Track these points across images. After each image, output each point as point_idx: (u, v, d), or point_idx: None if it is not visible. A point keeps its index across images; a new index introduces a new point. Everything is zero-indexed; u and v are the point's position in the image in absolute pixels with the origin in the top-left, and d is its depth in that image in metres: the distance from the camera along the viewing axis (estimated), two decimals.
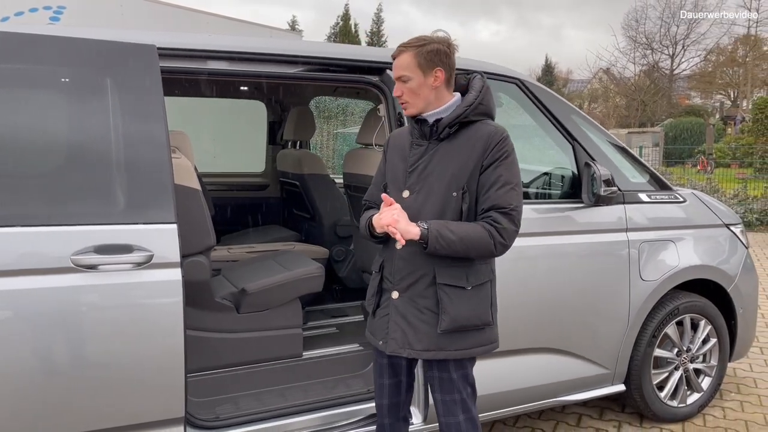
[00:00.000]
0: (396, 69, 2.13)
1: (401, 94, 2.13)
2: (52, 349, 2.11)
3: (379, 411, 2.37)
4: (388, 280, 2.20)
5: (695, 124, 27.29)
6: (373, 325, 2.27)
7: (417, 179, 2.14)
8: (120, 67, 2.28)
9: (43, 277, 2.10)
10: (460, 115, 2.11)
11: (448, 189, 2.08)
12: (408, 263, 2.12)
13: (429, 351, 2.12)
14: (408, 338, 2.13)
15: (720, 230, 3.62)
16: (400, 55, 2.12)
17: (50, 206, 2.13)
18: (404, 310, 2.14)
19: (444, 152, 2.12)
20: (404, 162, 2.19)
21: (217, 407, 2.73)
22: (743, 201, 10.90)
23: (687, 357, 3.52)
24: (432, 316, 2.10)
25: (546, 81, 42.73)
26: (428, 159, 2.13)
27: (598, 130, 3.39)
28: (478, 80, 2.20)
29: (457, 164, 2.09)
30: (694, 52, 42.24)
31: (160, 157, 2.27)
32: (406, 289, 2.14)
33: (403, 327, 2.14)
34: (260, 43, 2.67)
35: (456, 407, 2.19)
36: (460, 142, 2.11)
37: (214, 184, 4.71)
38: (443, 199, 2.09)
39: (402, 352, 2.15)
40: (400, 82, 2.13)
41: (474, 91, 2.15)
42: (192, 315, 2.89)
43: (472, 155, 2.08)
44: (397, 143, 2.29)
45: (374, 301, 2.26)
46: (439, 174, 2.10)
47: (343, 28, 33.88)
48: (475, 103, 2.12)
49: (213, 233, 2.85)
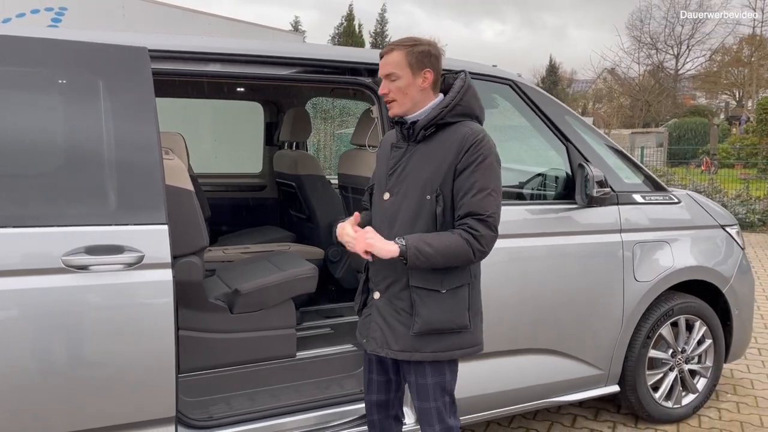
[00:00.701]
0: (385, 66, 2.12)
1: (388, 92, 2.12)
2: (43, 349, 2.13)
3: (368, 407, 2.38)
4: (371, 280, 2.22)
5: (699, 124, 27.18)
6: (359, 324, 2.31)
7: (396, 182, 2.14)
8: (111, 70, 2.29)
9: (35, 278, 2.12)
10: (436, 116, 2.08)
11: (422, 192, 2.07)
12: (385, 265, 2.13)
13: (405, 352, 2.12)
14: (386, 338, 2.14)
15: (715, 231, 3.62)
16: (389, 53, 2.11)
17: (41, 207, 2.15)
18: (384, 311, 2.16)
19: (420, 155, 2.11)
20: (386, 164, 2.21)
21: (211, 407, 2.75)
22: (745, 201, 10.86)
23: (682, 358, 3.52)
24: (408, 317, 2.11)
25: (550, 81, 42.69)
26: (406, 161, 2.13)
27: (592, 131, 3.39)
28: (459, 80, 2.16)
29: (431, 167, 2.07)
30: (699, 52, 42.32)
31: (151, 159, 2.28)
32: (385, 290, 2.16)
33: (382, 327, 2.16)
34: (252, 45, 2.68)
35: (431, 416, 2.18)
36: (435, 144, 2.10)
37: (211, 184, 4.73)
38: (418, 203, 2.08)
39: (380, 352, 2.16)
40: (388, 80, 2.11)
41: (452, 91, 2.12)
42: (185, 315, 2.91)
43: (447, 158, 2.06)
44: (384, 145, 2.31)
45: (360, 300, 2.30)
46: (414, 177, 2.10)
47: (347, 29, 33.90)
48: (452, 104, 2.09)
49: (206, 234, 2.87)
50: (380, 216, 2.18)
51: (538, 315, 3.01)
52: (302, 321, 3.66)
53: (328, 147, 11.77)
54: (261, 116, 5.10)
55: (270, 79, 2.78)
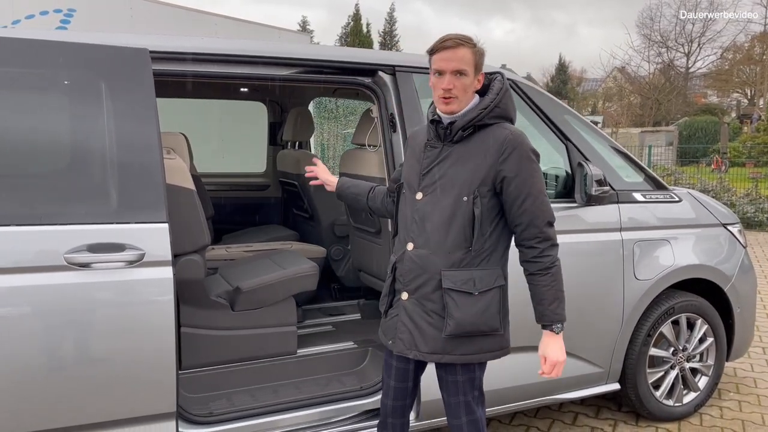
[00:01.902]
0: (452, 61, 2.04)
1: (452, 87, 2.04)
2: (45, 345, 2.18)
3: (384, 409, 2.38)
4: (399, 281, 2.20)
5: (710, 122, 27.00)
6: (384, 325, 2.29)
7: (430, 182, 2.13)
8: (113, 71, 2.33)
9: (38, 275, 2.17)
10: (475, 118, 2.08)
11: (459, 193, 2.08)
12: (416, 265, 2.13)
13: (434, 354, 2.13)
14: (415, 340, 2.14)
15: (717, 230, 3.61)
16: (458, 48, 2.04)
17: (44, 206, 2.20)
18: (412, 312, 2.15)
19: (457, 156, 2.11)
20: (419, 163, 2.19)
21: (211, 403, 2.78)
22: (755, 200, 10.79)
23: (683, 356, 3.52)
24: (438, 319, 2.11)
25: (560, 80, 42.54)
26: (442, 162, 2.12)
27: (592, 130, 3.40)
28: (498, 82, 2.15)
29: (470, 169, 2.07)
30: (710, 50, 41.86)
31: (152, 159, 2.32)
32: (414, 291, 2.15)
33: (410, 328, 2.15)
34: (252, 46, 2.71)
35: (459, 409, 2.21)
36: (473, 145, 2.09)
37: (215, 184, 4.77)
38: (454, 203, 2.08)
39: (408, 353, 2.16)
40: (454, 75, 2.04)
41: (492, 93, 2.12)
42: (187, 312, 2.95)
43: (486, 160, 2.06)
44: (414, 143, 2.28)
45: (386, 302, 2.26)
46: (451, 178, 2.10)
47: (354, 29, 33.92)
48: (491, 106, 2.09)
49: (208, 233, 2.91)
50: (410, 215, 2.17)
51: None
52: (304, 319, 3.70)
53: (333, 146, 11.81)
54: (265, 116, 5.14)
55: (270, 79, 2.81)
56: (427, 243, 2.11)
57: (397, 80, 2.86)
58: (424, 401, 2.78)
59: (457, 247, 2.09)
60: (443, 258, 2.09)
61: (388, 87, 2.85)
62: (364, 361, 3.20)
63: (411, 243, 2.15)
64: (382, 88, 2.87)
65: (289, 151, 4.61)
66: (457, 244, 2.09)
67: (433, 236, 2.10)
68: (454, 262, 2.09)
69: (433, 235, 2.10)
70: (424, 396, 2.74)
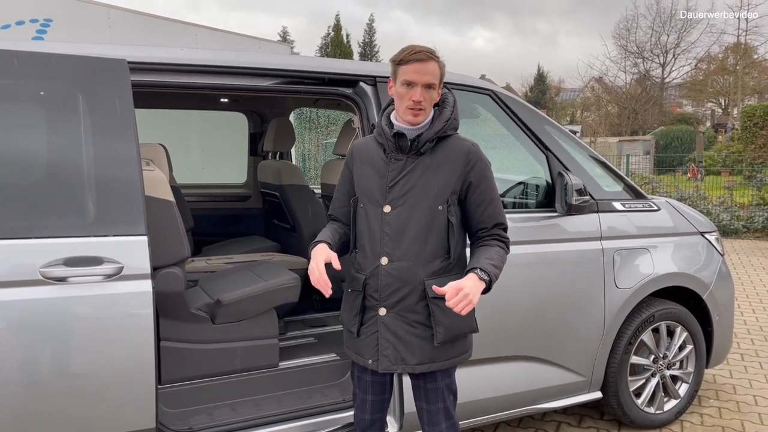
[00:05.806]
0: (426, 75, 2.08)
1: (422, 99, 2.09)
2: (21, 361, 2.12)
3: (361, 424, 2.38)
4: (372, 297, 2.17)
5: (686, 132, 27.46)
6: (357, 345, 2.24)
7: (399, 194, 2.14)
8: (90, 82, 2.30)
9: (12, 290, 2.12)
10: (440, 130, 2.15)
11: (434, 203, 2.12)
12: (396, 279, 2.13)
13: (423, 364, 2.16)
14: (401, 354, 2.14)
15: (695, 238, 3.66)
16: (428, 62, 2.09)
17: (19, 219, 2.15)
18: (394, 327, 2.14)
19: (425, 167, 2.14)
20: (380, 176, 2.17)
21: (192, 418, 2.74)
22: (729, 208, 10.97)
23: (663, 364, 3.55)
24: (423, 329, 2.14)
25: (539, 90, 43.02)
26: (409, 173, 2.14)
27: (572, 140, 3.43)
28: (450, 95, 2.25)
29: (441, 179, 2.13)
30: (684, 60, 42.71)
31: (130, 170, 2.29)
32: (394, 305, 2.14)
33: (394, 343, 2.15)
34: (231, 57, 2.70)
35: (439, 416, 2.25)
36: (439, 156, 2.15)
37: (196, 195, 4.73)
38: (430, 213, 2.12)
39: (396, 369, 2.16)
40: (425, 88, 2.09)
41: (449, 106, 2.21)
42: (167, 326, 2.90)
43: (455, 169, 2.14)
44: (364, 155, 2.26)
45: (358, 320, 2.21)
46: (422, 188, 2.13)
47: (334, 39, 33.98)
48: (451, 118, 2.18)
49: (187, 245, 2.87)
50: (379, 228, 2.15)
51: (519, 323, 3.03)
52: (286, 331, 3.66)
53: (315, 157, 11.79)
54: (245, 126, 5.12)
55: (251, 90, 2.79)
56: (406, 255, 2.12)
57: (378, 91, 2.87)
58: (408, 412, 2.76)
59: (435, 256, 2.14)
60: (423, 268, 2.13)
61: (369, 98, 2.85)
62: (347, 374, 3.17)
63: (385, 257, 2.13)
64: (363, 98, 2.87)
65: (269, 162, 4.58)
66: (435, 253, 2.14)
67: (412, 248, 2.12)
68: (435, 270, 2.14)
69: (411, 247, 2.12)
70: (408, 407, 2.73)
